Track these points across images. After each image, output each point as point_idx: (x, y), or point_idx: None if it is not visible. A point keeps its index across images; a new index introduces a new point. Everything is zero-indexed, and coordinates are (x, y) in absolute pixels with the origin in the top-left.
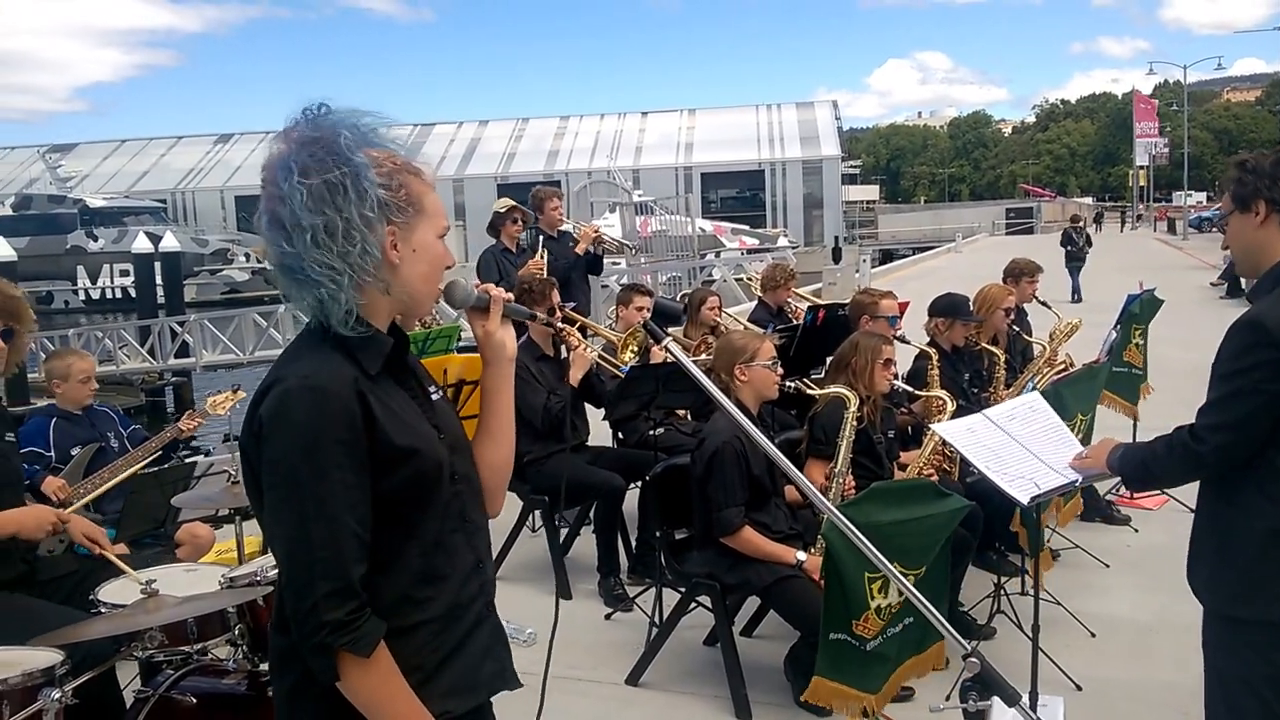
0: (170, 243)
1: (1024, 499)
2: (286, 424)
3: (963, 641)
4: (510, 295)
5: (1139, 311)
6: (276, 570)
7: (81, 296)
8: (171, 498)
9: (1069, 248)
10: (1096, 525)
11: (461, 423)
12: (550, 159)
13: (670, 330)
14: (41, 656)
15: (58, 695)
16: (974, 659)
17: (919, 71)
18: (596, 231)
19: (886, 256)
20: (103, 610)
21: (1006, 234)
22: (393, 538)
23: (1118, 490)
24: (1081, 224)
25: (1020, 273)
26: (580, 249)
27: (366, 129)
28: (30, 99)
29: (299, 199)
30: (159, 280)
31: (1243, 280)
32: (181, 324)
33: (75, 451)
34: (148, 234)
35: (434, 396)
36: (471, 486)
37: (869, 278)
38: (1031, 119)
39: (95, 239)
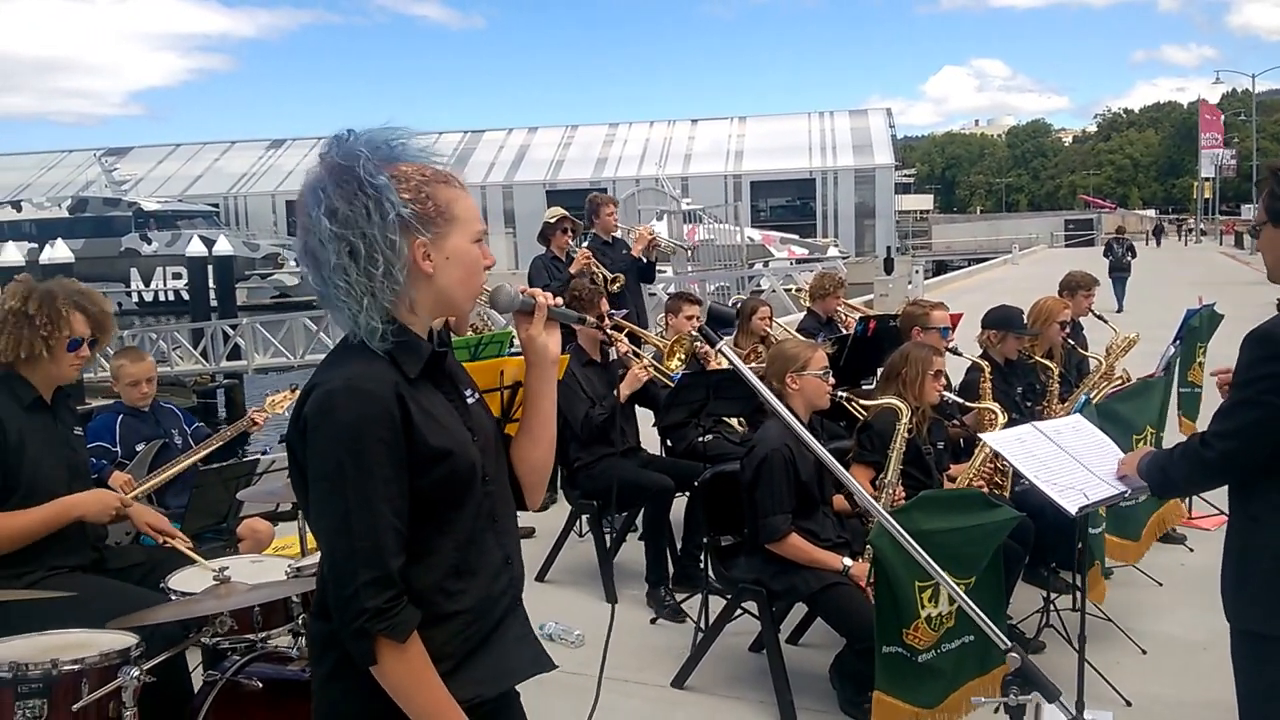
0: (224, 246)
1: (1072, 509)
2: (331, 423)
3: (1003, 638)
4: (557, 300)
5: (1199, 326)
6: None
7: (135, 299)
8: (235, 493)
9: (1110, 258)
10: (1154, 545)
11: (496, 425)
12: (599, 166)
13: (723, 335)
14: (117, 639)
15: (136, 673)
16: (1014, 654)
17: (976, 79)
18: (651, 235)
19: (940, 268)
20: (173, 597)
21: (1066, 245)
22: (428, 533)
23: None
24: (1125, 235)
25: (1076, 286)
26: (635, 251)
27: (394, 146)
28: (86, 103)
29: (325, 227)
30: (212, 283)
31: None
32: (234, 327)
33: (140, 447)
34: (202, 238)
35: (469, 400)
36: (501, 488)
37: (921, 289)
38: (1093, 128)
39: (149, 242)
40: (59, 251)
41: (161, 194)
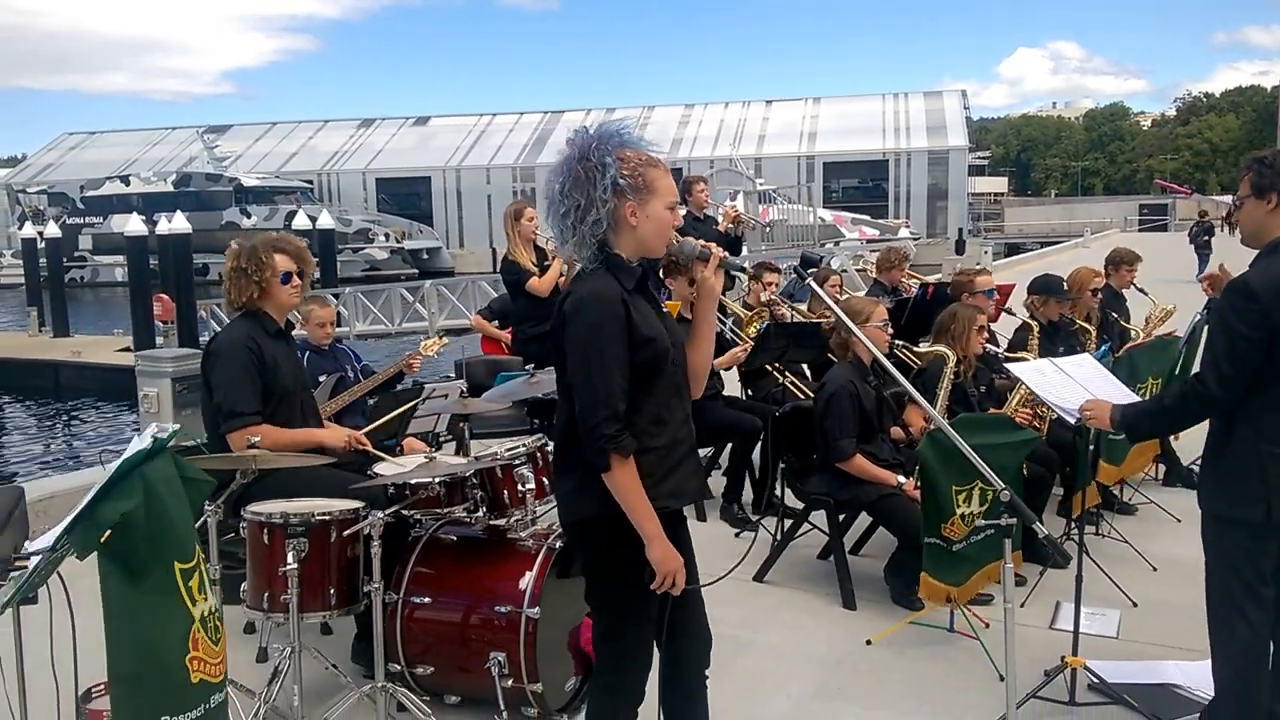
0: (325, 220)
1: (1072, 420)
2: (581, 318)
3: (996, 480)
4: (726, 253)
5: None
6: (509, 449)
7: None
8: (404, 416)
9: (1199, 238)
10: (1177, 490)
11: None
12: (674, 146)
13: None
14: (350, 503)
15: (380, 515)
16: (1006, 492)
17: (1051, 61)
18: (737, 212)
19: (1013, 250)
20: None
21: (1139, 230)
22: (640, 393)
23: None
24: (1207, 218)
25: (1120, 261)
26: (722, 227)
27: (623, 135)
28: (180, 81)
29: (561, 187)
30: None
31: None
32: (336, 295)
33: (322, 379)
34: (307, 214)
35: (664, 311)
36: (683, 371)
37: (990, 269)
38: (1172, 112)
39: (248, 216)
40: (178, 223)
41: (259, 170)
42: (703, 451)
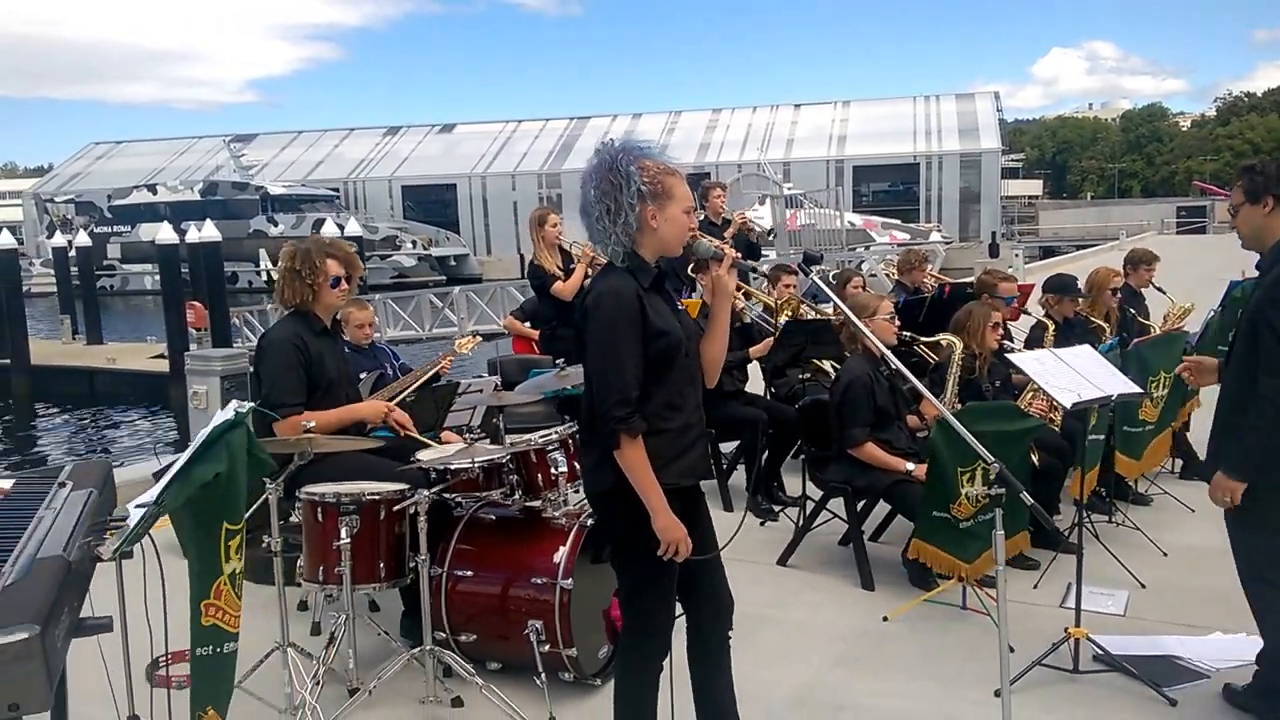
0: (353, 228)
1: (1067, 403)
2: (599, 310)
3: (986, 455)
4: (739, 254)
5: (1240, 297)
6: (543, 436)
7: (263, 277)
8: (442, 409)
9: None
10: (1195, 483)
11: (695, 326)
12: (701, 151)
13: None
14: (395, 485)
15: (427, 493)
16: (996, 464)
17: (1086, 60)
18: (744, 219)
19: (1048, 253)
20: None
21: (1176, 233)
22: (653, 381)
23: None
24: None
25: (1138, 261)
26: (729, 234)
27: (644, 148)
28: (205, 90)
29: (594, 193)
30: None
31: None
32: (368, 302)
33: (363, 376)
34: (336, 223)
35: (680, 308)
36: (696, 362)
37: (1023, 274)
38: (1211, 112)
39: (275, 224)
40: (208, 232)
41: (285, 179)
42: (729, 446)
